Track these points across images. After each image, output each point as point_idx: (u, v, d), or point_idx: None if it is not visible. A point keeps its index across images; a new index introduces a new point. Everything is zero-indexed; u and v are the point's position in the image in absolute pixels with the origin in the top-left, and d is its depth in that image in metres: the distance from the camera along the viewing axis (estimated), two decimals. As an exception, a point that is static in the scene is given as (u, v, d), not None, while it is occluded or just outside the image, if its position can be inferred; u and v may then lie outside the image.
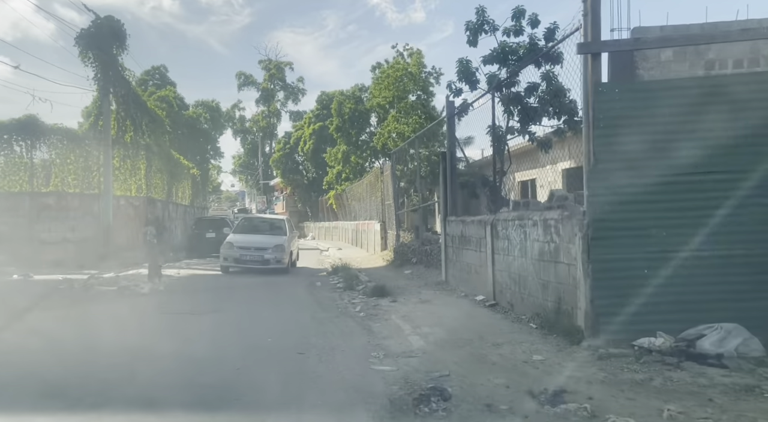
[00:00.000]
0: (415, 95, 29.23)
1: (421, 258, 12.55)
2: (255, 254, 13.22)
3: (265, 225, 15.52)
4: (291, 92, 60.25)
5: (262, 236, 14.05)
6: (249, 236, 14.13)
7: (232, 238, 14.11)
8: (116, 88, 18.62)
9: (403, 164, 22.82)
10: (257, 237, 13.97)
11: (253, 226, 15.39)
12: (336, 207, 36.51)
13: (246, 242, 13.60)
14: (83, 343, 5.71)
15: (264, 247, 13.32)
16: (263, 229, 14.95)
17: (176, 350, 5.45)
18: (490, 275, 8.04)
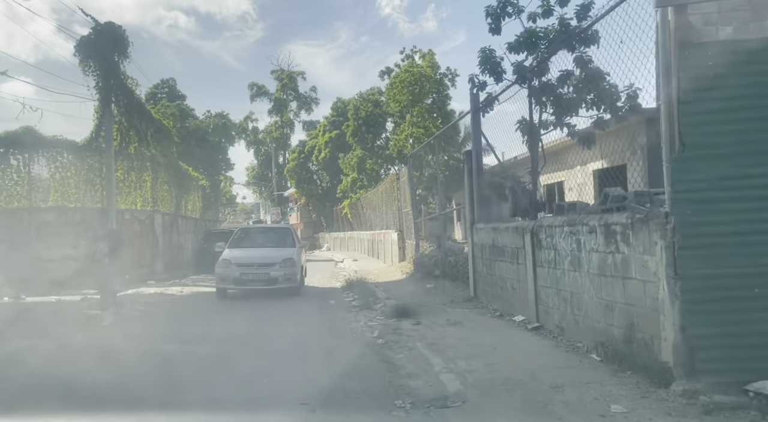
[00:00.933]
0: (431, 98, 28.16)
1: (444, 271, 11.33)
2: (259, 272, 10.82)
3: (267, 236, 12.95)
4: (304, 102, 59.59)
5: (266, 250, 11.62)
6: (250, 250, 11.72)
7: (228, 254, 11.46)
8: (118, 97, 17.81)
9: (419, 170, 21.69)
10: (260, 251, 11.54)
11: (254, 238, 12.83)
12: (351, 217, 35.42)
13: (247, 259, 11.15)
14: None
15: (270, 263, 10.95)
16: (266, 241, 12.47)
17: (128, 394, 4.31)
18: (531, 291, 6.79)
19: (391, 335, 6.79)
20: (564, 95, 8.45)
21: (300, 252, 12.48)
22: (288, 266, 11.05)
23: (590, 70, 8.09)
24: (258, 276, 10.81)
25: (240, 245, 12.18)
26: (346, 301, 10.38)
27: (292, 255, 11.40)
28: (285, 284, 10.92)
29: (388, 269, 17.07)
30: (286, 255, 11.29)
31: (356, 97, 33.65)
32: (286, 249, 11.67)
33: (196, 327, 7.97)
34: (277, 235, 12.87)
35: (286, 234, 12.91)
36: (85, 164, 17.15)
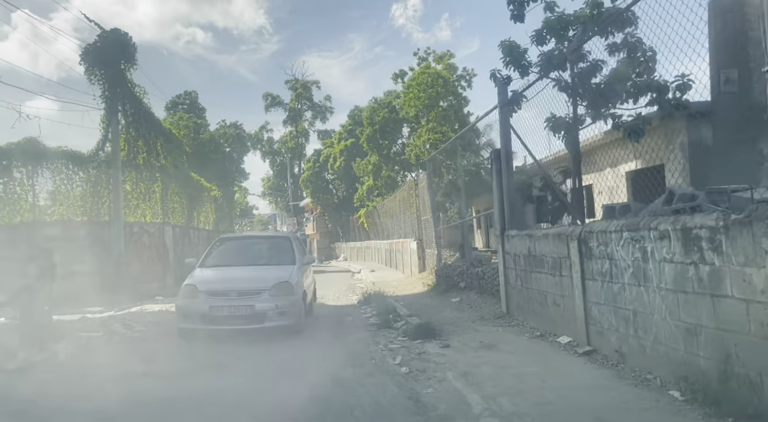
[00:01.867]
0: (447, 102, 27.28)
1: (471, 283, 10.34)
2: (237, 304, 7.48)
3: (258, 249, 9.48)
4: (318, 111, 59.23)
5: (252, 270, 8.36)
6: (229, 270, 8.38)
7: (196, 277, 8.11)
8: (125, 106, 17.26)
9: (438, 176, 20.74)
10: (242, 272, 8.27)
11: (238, 252, 9.23)
12: (367, 226, 34.55)
13: (221, 284, 7.85)
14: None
15: (254, 289, 7.63)
16: (255, 256, 9.03)
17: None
18: (579, 309, 5.79)
19: (416, 361, 5.84)
20: (602, 86, 7.48)
21: (304, 272, 8.97)
22: (283, 295, 7.61)
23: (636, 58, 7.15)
24: (236, 311, 7.42)
25: (216, 263, 8.70)
26: (363, 318, 9.45)
27: (288, 277, 7.94)
28: (277, 321, 7.44)
29: (408, 281, 16.10)
30: (281, 277, 7.86)
31: (371, 103, 32.88)
32: (281, 268, 8.27)
33: (170, 362, 6.42)
34: (272, 247, 9.42)
35: (285, 246, 9.28)
36: (92, 176, 16.57)
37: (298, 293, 7.99)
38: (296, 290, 7.95)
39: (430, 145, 25.81)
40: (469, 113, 27.71)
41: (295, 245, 9.35)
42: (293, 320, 7.72)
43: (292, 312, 7.72)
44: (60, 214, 15.61)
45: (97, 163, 16.65)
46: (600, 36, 7.27)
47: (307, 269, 9.49)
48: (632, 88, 7.12)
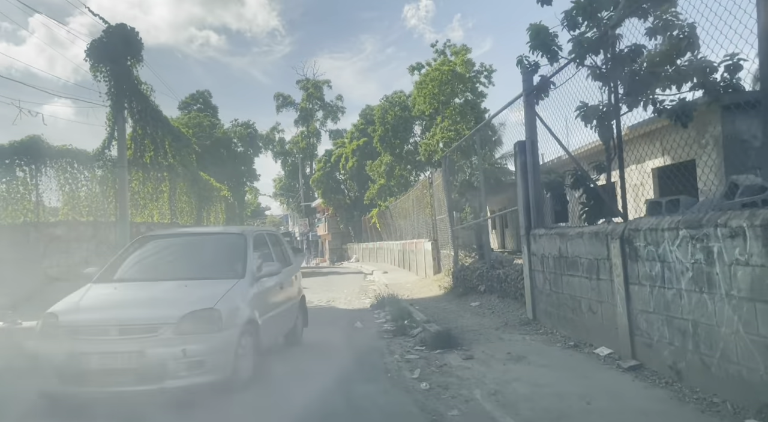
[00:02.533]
0: (463, 97, 26.58)
1: (491, 286, 9.66)
2: (114, 349, 4.52)
3: (191, 253, 6.37)
4: (330, 111, 58.81)
5: (164, 288, 5.37)
6: (131, 287, 5.54)
7: (70, 300, 5.26)
8: (132, 103, 16.83)
9: (452, 174, 20.05)
10: (146, 290, 5.41)
11: (159, 257, 6.28)
12: (380, 226, 33.93)
13: (98, 311, 4.97)
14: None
15: (147, 323, 4.69)
16: (182, 264, 6.06)
17: None
18: (622, 317, 5.11)
19: (436, 375, 5.19)
20: (641, 70, 6.80)
21: (263, 289, 5.83)
22: (199, 332, 4.67)
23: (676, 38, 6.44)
24: (112, 361, 4.48)
25: (123, 276, 5.81)
26: (376, 323, 8.82)
27: (215, 302, 4.92)
28: (187, 377, 4.51)
29: (422, 283, 15.45)
30: (201, 301, 4.91)
31: (383, 101, 32.29)
32: (212, 285, 5.27)
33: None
34: (213, 251, 6.25)
35: (232, 249, 6.02)
36: (97, 175, 16.16)
37: (231, 329, 4.80)
38: (227, 322, 4.77)
39: (444, 143, 25.13)
40: (486, 109, 26.97)
41: (251, 247, 5.91)
42: (217, 374, 4.60)
43: (216, 362, 4.60)
44: (65, 214, 15.21)
45: (102, 162, 16.24)
46: (638, 17, 6.60)
47: (272, 285, 6.09)
48: (675, 72, 6.43)
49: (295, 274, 7.58)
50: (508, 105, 8.15)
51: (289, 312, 6.84)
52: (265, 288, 5.94)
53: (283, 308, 6.50)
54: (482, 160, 24.70)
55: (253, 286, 5.64)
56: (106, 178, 16.40)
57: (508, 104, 8.16)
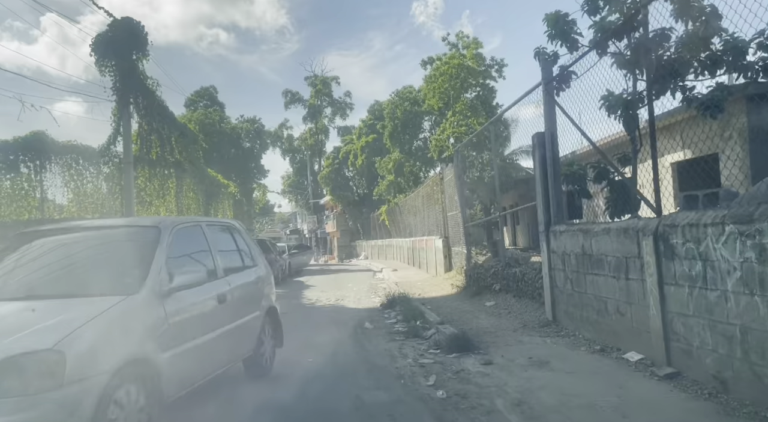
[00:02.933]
0: (474, 92, 26.11)
1: (507, 285, 9.26)
2: None
3: (72, 258, 4.23)
4: (338, 107, 58.46)
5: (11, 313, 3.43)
6: None
7: None
8: (138, 98, 16.58)
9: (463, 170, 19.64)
10: None
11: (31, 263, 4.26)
12: (389, 223, 33.59)
13: None
14: None
15: None
16: (60, 272, 4.08)
17: None
18: (655, 320, 4.70)
19: (453, 382, 4.83)
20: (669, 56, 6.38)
21: (157, 314, 3.77)
22: (15, 394, 2.78)
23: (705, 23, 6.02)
24: None
25: None
26: (387, 324, 8.46)
27: (57, 338, 2.98)
28: None
29: (433, 281, 15.08)
30: (36, 338, 3.01)
31: (392, 96, 31.88)
32: (76, 307, 3.43)
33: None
34: (103, 254, 4.34)
35: (134, 250, 4.25)
36: (102, 172, 15.93)
37: (87, 381, 2.98)
38: (77, 372, 2.95)
39: (454, 139, 24.69)
40: (498, 104, 26.46)
41: (164, 247, 4.12)
42: None
43: None
44: (70, 211, 14.99)
45: (108, 158, 16.00)
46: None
47: (202, 300, 4.33)
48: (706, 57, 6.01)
49: (263, 280, 5.68)
50: (527, 94, 7.73)
51: (244, 333, 4.97)
52: (186, 306, 4.04)
53: (227, 330, 4.56)
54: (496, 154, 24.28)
55: (158, 305, 3.74)
56: (112, 174, 16.17)
57: (526, 93, 7.75)
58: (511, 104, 8.44)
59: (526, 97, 8.00)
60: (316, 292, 14.91)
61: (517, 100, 8.13)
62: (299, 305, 11.76)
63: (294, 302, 12.35)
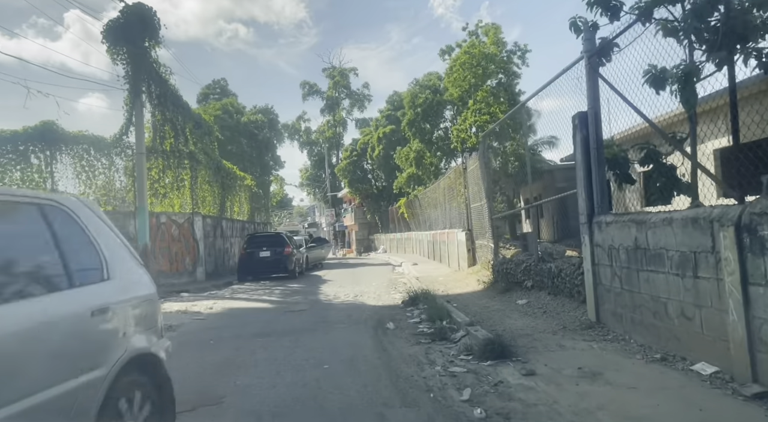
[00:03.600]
0: (496, 79, 25.18)
1: (540, 281, 8.50)
2: None
3: None
4: (356, 99, 57.76)
5: None
6: None
7: None
8: (150, 86, 16.10)
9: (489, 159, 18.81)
10: None
11: None
12: (408, 216, 32.89)
13: None
14: None
15: None
16: None
17: None
18: (737, 327, 3.93)
19: (492, 397, 4.13)
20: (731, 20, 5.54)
21: None
22: None
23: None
24: None
25: None
26: (410, 324, 7.79)
27: None
28: None
29: (456, 277, 14.35)
30: None
31: (412, 85, 31.05)
32: None
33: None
34: None
35: None
36: (115, 162, 15.52)
37: None
38: None
39: (477, 127, 23.82)
40: (521, 91, 25.51)
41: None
42: None
43: None
44: (81, 203, 14.64)
45: (120, 148, 15.59)
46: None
47: None
48: None
49: (123, 307, 3.18)
50: (568, 69, 6.93)
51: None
52: None
53: None
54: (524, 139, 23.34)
55: None
56: (127, 167, 15.76)
57: (567, 68, 6.94)
58: (550, 81, 7.63)
59: (564, 73, 7.20)
60: (334, 287, 14.31)
61: (557, 75, 7.33)
62: (317, 302, 11.17)
63: (310, 299, 11.76)
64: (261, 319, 9.08)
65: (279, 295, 13.09)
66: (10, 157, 13.34)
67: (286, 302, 11.32)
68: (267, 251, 17.95)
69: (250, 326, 8.39)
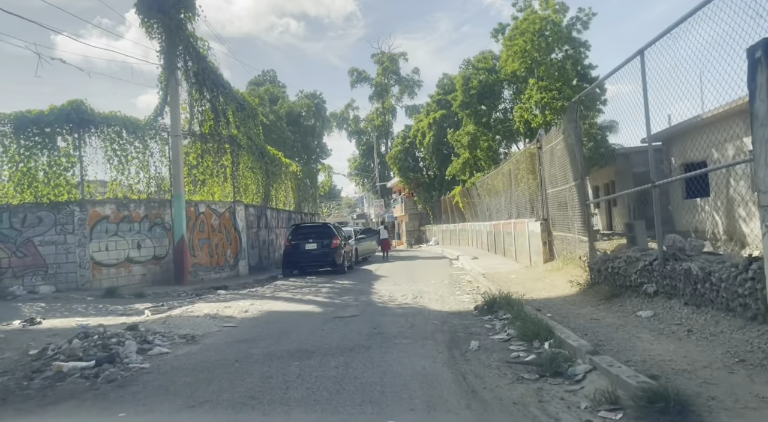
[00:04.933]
0: (561, 52, 22.56)
1: (671, 287, 6.33)
2: None
3: None
4: (406, 85, 55.70)
5: None
6: None
7: None
8: (187, 63, 14.73)
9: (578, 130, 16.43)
10: None
11: None
12: (463, 206, 30.66)
13: None
14: None
15: None
16: None
17: None
18: None
19: None
20: None
21: None
22: None
23: None
24: None
25: None
26: (495, 342, 5.84)
27: None
28: None
29: (532, 274, 12.21)
30: None
31: (463, 68, 28.70)
32: None
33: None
34: None
35: None
36: (149, 146, 14.25)
37: None
38: None
39: (543, 105, 21.33)
40: (591, 65, 22.78)
41: None
42: None
43: None
44: (112, 191, 13.44)
45: (155, 131, 14.31)
46: None
47: None
48: None
49: None
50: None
51: None
52: None
53: None
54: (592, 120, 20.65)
55: None
56: (160, 149, 14.48)
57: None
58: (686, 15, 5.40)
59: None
60: (387, 285, 12.52)
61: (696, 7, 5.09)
62: (369, 305, 9.38)
63: (363, 300, 9.99)
64: (303, 328, 7.36)
65: (326, 294, 11.41)
66: (36, 140, 12.24)
67: (334, 305, 9.60)
68: (313, 243, 16.36)
69: (288, 338, 6.67)
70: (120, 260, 13.11)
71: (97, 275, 12.64)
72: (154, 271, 13.78)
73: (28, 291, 11.63)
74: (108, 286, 12.47)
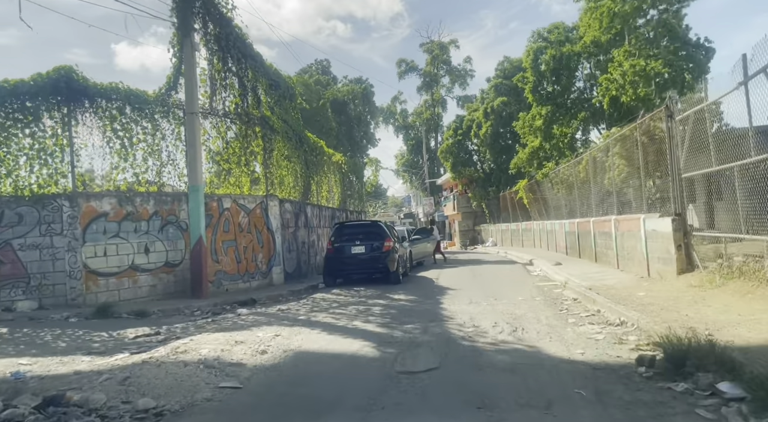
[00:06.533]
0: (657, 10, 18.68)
1: None
2: None
3: None
4: (457, 76, 52.16)
5: None
6: None
7: None
8: (207, 24, 11.97)
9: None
10: None
11: None
12: (528, 202, 26.92)
13: None
14: None
15: None
16: None
17: None
18: None
19: None
20: None
21: None
22: None
23: None
24: None
25: None
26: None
27: None
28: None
29: (666, 291, 8.66)
30: None
31: (531, 42, 25.04)
32: None
33: None
34: None
35: None
36: (161, 127, 11.59)
37: None
38: None
39: (636, 76, 17.51)
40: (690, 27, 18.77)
41: None
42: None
43: None
44: (113, 181, 10.82)
45: (167, 108, 11.63)
46: None
47: None
48: None
49: None
50: None
51: None
52: None
53: None
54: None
55: None
56: (174, 130, 11.81)
57: None
58: None
59: None
60: (461, 303, 9.29)
61: None
62: (449, 343, 6.19)
63: (436, 332, 6.80)
64: (349, 399, 4.27)
65: (380, 317, 8.33)
66: (17, 116, 9.75)
67: (394, 341, 6.46)
68: (361, 246, 13.34)
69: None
70: (122, 269, 10.48)
71: (91, 286, 10.04)
72: (166, 281, 11.09)
73: (2, 309, 9.13)
74: (105, 301, 9.87)
